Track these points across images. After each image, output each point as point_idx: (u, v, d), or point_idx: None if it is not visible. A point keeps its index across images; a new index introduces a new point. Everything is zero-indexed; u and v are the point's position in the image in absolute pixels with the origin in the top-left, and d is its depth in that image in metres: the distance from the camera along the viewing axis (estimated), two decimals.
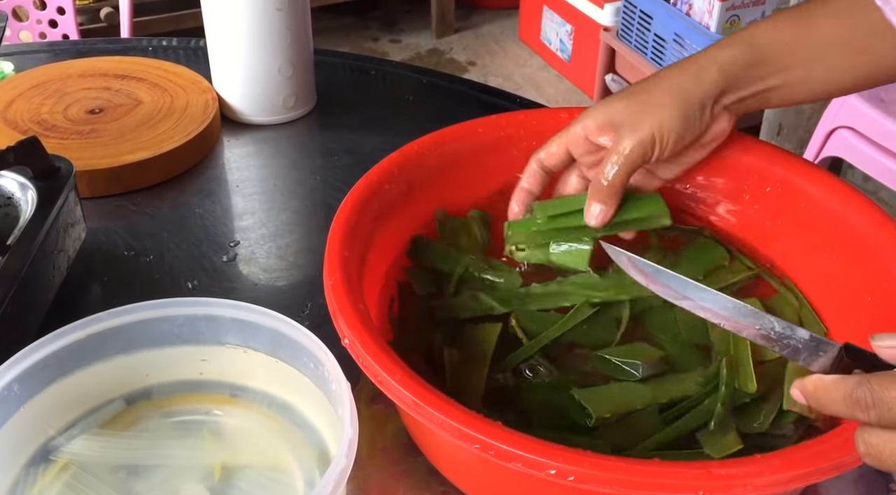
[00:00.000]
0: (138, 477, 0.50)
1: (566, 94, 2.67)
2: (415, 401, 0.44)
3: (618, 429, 0.51)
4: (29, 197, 0.66)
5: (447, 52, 2.94)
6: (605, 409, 0.51)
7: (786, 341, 0.42)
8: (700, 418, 0.52)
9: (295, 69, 0.90)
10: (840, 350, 0.40)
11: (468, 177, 0.67)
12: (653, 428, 0.51)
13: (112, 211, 0.79)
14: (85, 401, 0.52)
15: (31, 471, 0.49)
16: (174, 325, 0.52)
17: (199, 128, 0.85)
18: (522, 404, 0.54)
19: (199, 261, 0.73)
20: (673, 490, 0.40)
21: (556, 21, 2.69)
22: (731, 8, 2.03)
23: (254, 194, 0.82)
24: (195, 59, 1.03)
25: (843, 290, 0.57)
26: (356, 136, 0.91)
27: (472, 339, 0.57)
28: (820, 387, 0.39)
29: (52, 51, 1.10)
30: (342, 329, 0.48)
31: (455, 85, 1.02)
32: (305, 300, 0.68)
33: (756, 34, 0.58)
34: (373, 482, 0.54)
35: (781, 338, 0.42)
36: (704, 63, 0.57)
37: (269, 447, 0.52)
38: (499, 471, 0.46)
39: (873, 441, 0.37)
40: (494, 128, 0.67)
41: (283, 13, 0.86)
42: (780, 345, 0.42)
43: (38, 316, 0.64)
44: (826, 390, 0.39)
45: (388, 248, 0.61)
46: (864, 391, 0.37)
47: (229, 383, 0.54)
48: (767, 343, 0.43)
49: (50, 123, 0.86)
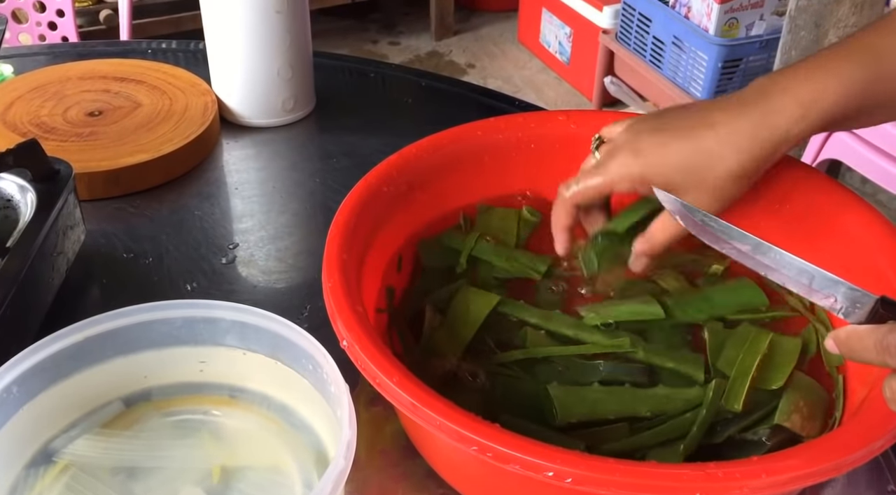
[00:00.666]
0: (137, 478, 0.50)
1: (565, 97, 2.67)
2: (413, 403, 0.44)
3: (585, 430, 0.51)
4: (28, 199, 0.66)
5: (446, 54, 2.94)
6: (575, 414, 0.52)
7: (826, 292, 0.43)
8: (668, 435, 0.52)
9: (294, 72, 0.90)
10: (876, 302, 0.41)
11: (467, 179, 0.67)
12: (617, 435, 0.51)
13: (111, 213, 0.79)
14: (84, 403, 0.52)
15: (30, 473, 0.49)
16: (173, 327, 0.52)
17: (198, 131, 0.85)
18: (492, 390, 0.54)
19: (198, 264, 0.73)
20: (670, 491, 0.40)
21: (555, 23, 2.69)
22: (730, 11, 2.03)
23: (253, 196, 0.83)
24: (194, 61, 1.03)
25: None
26: (355, 139, 0.91)
27: (462, 304, 0.58)
28: (853, 336, 0.41)
29: (52, 53, 1.11)
30: (341, 331, 0.48)
31: (454, 87, 1.02)
32: (304, 302, 0.68)
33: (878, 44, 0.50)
34: (371, 484, 0.54)
35: (822, 288, 0.43)
36: (795, 108, 0.51)
37: (268, 449, 0.52)
38: (497, 473, 0.46)
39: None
40: (493, 131, 0.67)
41: (282, 16, 0.86)
42: (819, 295, 0.43)
43: (38, 318, 0.64)
44: (859, 337, 0.41)
45: (386, 251, 0.61)
46: (894, 338, 0.39)
47: (228, 385, 0.54)
48: (808, 293, 0.43)
49: (49, 126, 0.86)
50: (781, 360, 0.55)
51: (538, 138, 0.67)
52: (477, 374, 0.55)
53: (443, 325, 0.58)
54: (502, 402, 0.53)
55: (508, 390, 0.54)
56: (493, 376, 0.55)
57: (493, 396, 0.54)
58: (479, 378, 0.55)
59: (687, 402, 0.53)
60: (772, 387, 0.54)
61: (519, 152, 0.67)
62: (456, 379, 0.55)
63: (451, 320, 0.58)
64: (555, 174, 0.68)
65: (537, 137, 0.67)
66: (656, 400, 0.53)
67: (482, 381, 0.55)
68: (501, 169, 0.68)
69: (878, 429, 0.43)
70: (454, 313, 0.59)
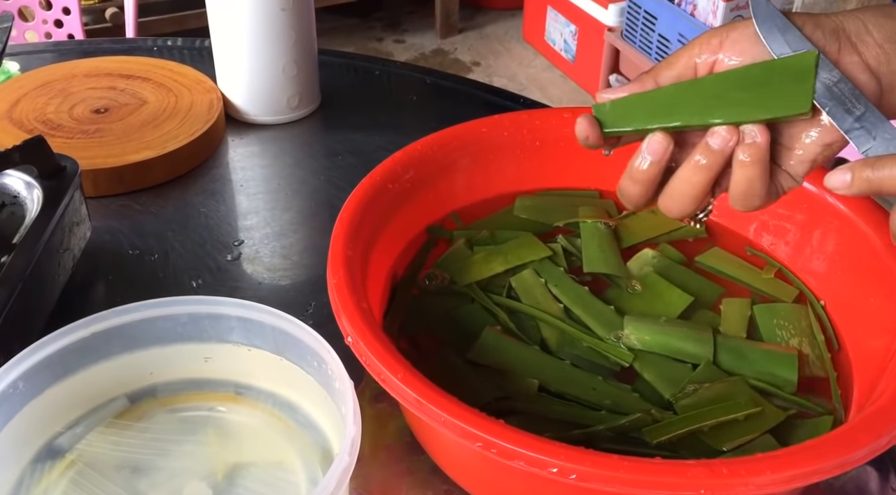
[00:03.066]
0: (142, 474, 0.50)
1: (570, 95, 2.67)
2: (418, 400, 0.44)
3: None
4: (34, 196, 0.67)
5: (451, 52, 2.94)
6: (489, 359, 0.55)
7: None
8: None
9: (299, 69, 0.90)
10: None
11: (472, 177, 0.67)
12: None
13: (117, 210, 0.79)
14: (89, 399, 0.52)
15: (36, 468, 0.49)
16: (178, 324, 0.52)
17: (203, 128, 0.86)
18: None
19: (203, 261, 0.73)
20: (675, 488, 0.40)
21: (561, 21, 2.69)
22: (736, 8, 2.03)
23: (258, 194, 0.83)
24: (200, 59, 1.03)
25: (854, 294, 0.58)
26: (360, 136, 0.91)
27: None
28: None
29: (58, 51, 1.11)
30: (345, 327, 0.48)
31: (459, 85, 1.02)
32: (309, 299, 0.68)
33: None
34: (375, 480, 0.54)
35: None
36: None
37: (273, 445, 0.52)
38: (501, 469, 0.46)
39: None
40: (498, 128, 0.67)
41: (287, 13, 0.86)
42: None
43: (43, 314, 0.65)
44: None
45: (391, 248, 0.61)
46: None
47: (233, 381, 0.54)
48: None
49: (55, 123, 0.86)
50: (743, 430, 0.51)
51: (543, 136, 0.67)
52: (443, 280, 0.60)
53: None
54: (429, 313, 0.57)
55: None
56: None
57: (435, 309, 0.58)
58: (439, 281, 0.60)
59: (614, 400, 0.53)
60: (718, 447, 0.50)
61: (523, 150, 0.67)
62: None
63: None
64: (559, 171, 0.69)
65: (542, 135, 0.67)
66: (571, 379, 0.54)
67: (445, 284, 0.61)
68: (506, 166, 0.68)
69: (883, 427, 0.43)
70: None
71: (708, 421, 0.50)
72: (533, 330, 0.58)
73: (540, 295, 0.60)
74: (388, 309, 0.59)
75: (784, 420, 0.51)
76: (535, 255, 0.63)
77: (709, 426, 0.50)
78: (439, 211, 0.66)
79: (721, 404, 0.51)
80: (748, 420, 0.51)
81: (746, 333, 0.58)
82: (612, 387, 0.54)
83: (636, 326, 0.57)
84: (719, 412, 0.51)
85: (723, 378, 0.54)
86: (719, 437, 0.50)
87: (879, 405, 0.45)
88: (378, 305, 0.57)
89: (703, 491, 0.39)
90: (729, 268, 0.63)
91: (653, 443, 0.49)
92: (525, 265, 0.62)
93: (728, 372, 0.54)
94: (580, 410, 0.52)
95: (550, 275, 0.61)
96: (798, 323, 0.58)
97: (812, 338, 0.57)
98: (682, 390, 0.53)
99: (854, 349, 0.56)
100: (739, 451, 0.49)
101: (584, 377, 0.54)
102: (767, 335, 0.58)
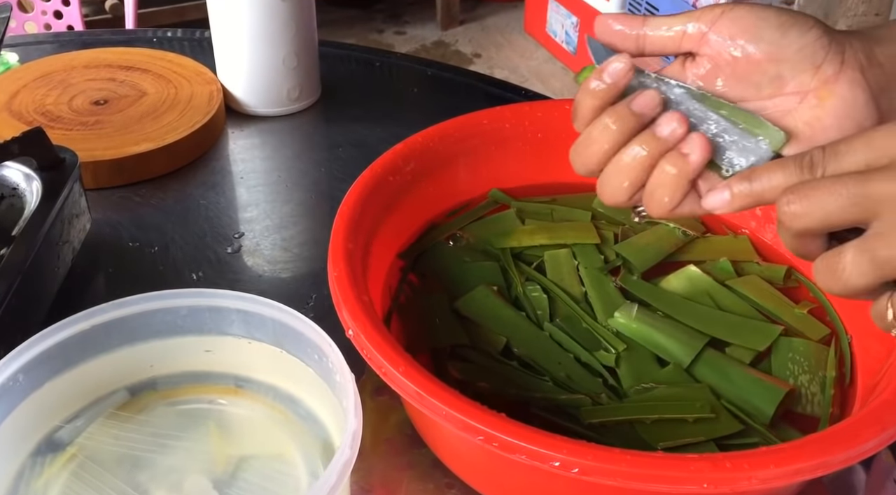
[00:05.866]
0: (143, 467, 0.50)
1: (572, 87, 2.67)
2: (419, 393, 0.43)
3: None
4: (34, 188, 0.66)
5: (452, 44, 2.93)
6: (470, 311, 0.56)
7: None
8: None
9: (299, 60, 0.89)
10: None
11: (473, 168, 0.66)
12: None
13: (117, 202, 0.79)
14: (90, 392, 0.52)
15: (37, 461, 0.49)
16: (178, 316, 0.52)
17: (203, 120, 0.85)
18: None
19: (203, 253, 0.73)
20: (678, 482, 0.40)
21: (562, 13, 2.68)
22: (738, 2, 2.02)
23: (258, 186, 0.82)
24: (200, 50, 1.03)
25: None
26: (361, 128, 0.90)
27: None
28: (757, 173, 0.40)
29: (57, 42, 1.10)
30: (346, 320, 0.48)
31: (460, 77, 1.02)
32: (310, 291, 0.68)
33: None
34: (376, 473, 0.54)
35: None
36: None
37: (274, 438, 0.52)
38: (503, 463, 0.46)
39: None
40: (499, 120, 0.67)
41: (287, 4, 0.85)
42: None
43: (43, 306, 0.64)
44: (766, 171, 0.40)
45: (392, 240, 0.61)
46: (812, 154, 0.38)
47: (234, 374, 0.54)
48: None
49: (55, 114, 0.86)
50: (686, 432, 0.49)
51: (545, 128, 0.67)
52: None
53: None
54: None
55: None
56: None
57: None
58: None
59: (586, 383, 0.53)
60: (652, 443, 0.49)
61: (525, 142, 0.67)
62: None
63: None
64: (561, 163, 0.68)
65: (544, 127, 0.67)
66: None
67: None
68: (507, 158, 0.67)
69: (888, 420, 0.42)
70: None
71: (652, 415, 0.50)
72: (539, 302, 0.58)
73: (566, 273, 0.60)
74: (415, 242, 0.62)
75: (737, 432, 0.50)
76: (582, 240, 0.63)
77: (652, 420, 0.50)
78: (440, 203, 0.66)
79: (673, 402, 0.51)
80: (697, 423, 0.50)
81: (759, 359, 0.55)
82: (577, 367, 0.53)
83: (627, 312, 0.56)
84: (666, 409, 0.50)
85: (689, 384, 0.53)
86: (658, 434, 0.49)
87: (884, 398, 0.44)
88: (379, 298, 0.57)
89: (707, 484, 0.39)
90: (762, 297, 0.59)
91: (585, 423, 0.49)
92: (567, 246, 0.62)
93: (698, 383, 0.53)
94: (529, 378, 0.53)
95: (585, 257, 0.61)
96: (814, 361, 0.55)
97: (824, 378, 0.54)
98: (640, 383, 0.52)
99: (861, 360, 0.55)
100: (675, 451, 0.48)
101: (555, 350, 0.55)
102: (778, 365, 0.55)
